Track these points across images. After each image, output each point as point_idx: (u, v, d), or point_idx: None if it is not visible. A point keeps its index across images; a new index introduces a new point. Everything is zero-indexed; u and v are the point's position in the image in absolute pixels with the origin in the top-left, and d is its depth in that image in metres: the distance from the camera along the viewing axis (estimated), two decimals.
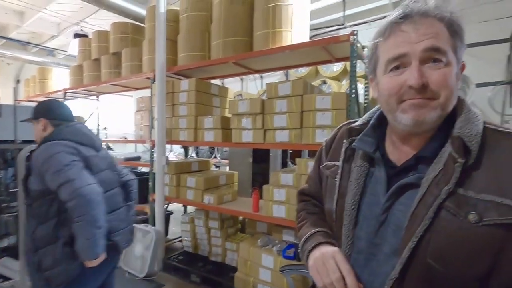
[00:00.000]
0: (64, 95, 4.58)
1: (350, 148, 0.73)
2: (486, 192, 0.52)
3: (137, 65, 3.57)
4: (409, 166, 0.62)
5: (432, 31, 0.55)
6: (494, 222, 0.50)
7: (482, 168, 0.54)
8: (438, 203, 0.54)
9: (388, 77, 0.59)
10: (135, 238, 3.03)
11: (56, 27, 6.48)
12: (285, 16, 2.35)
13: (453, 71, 0.56)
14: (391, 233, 0.61)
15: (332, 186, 0.75)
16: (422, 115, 0.56)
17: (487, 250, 0.51)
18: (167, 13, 2.96)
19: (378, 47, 0.62)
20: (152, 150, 3.16)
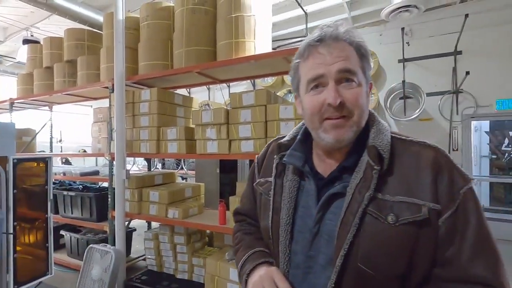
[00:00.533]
0: (10, 105, 4.18)
1: (280, 163, 0.75)
2: (399, 194, 0.58)
3: (94, 73, 3.37)
4: (335, 177, 0.67)
5: (344, 54, 0.62)
6: (408, 221, 0.56)
7: (394, 173, 0.61)
8: (362, 209, 0.59)
9: (309, 96, 0.65)
10: (92, 260, 2.80)
11: (2, 32, 5.95)
12: (247, 27, 2.36)
13: (363, 90, 0.63)
14: (324, 244, 0.64)
15: (266, 203, 0.76)
16: (341, 135, 0.62)
17: (405, 247, 0.57)
18: (127, 21, 2.85)
19: (299, 68, 0.67)
20: (112, 164, 2.96)
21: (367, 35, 5.19)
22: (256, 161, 0.88)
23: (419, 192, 0.58)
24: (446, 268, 0.57)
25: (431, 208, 0.57)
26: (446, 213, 0.57)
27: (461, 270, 0.56)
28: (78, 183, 3.85)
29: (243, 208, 0.92)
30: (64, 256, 3.54)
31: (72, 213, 3.44)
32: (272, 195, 0.74)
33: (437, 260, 0.58)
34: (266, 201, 0.76)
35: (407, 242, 0.56)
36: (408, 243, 0.56)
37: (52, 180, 2.30)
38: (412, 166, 0.60)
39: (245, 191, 0.92)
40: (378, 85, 5.01)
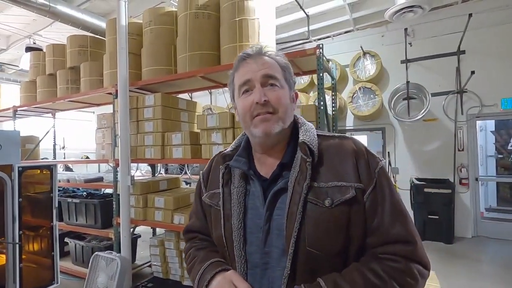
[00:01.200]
0: (14, 113, 4.18)
1: (226, 172, 0.80)
2: (330, 181, 0.68)
3: (98, 80, 3.36)
4: (277, 175, 0.74)
5: (267, 64, 0.74)
6: (341, 201, 0.66)
7: (323, 163, 0.71)
8: (303, 198, 0.67)
9: (241, 99, 0.75)
10: (98, 267, 2.77)
11: (5, 40, 5.98)
12: (252, 30, 2.35)
13: (286, 93, 0.75)
14: (276, 238, 0.70)
15: (217, 213, 0.80)
16: (268, 128, 0.71)
17: (342, 224, 0.66)
18: (130, 26, 2.84)
19: (234, 78, 0.79)
20: (116, 170, 2.94)
21: (369, 36, 5.19)
22: (201, 177, 0.91)
23: (345, 176, 0.69)
24: (374, 235, 0.67)
25: (356, 187, 0.67)
26: (368, 190, 0.68)
27: (384, 235, 0.66)
28: (81, 190, 3.83)
29: (193, 225, 0.93)
30: (69, 263, 3.50)
31: (76, 220, 3.42)
32: (221, 204, 0.78)
33: (367, 230, 0.68)
34: (216, 212, 0.80)
35: (343, 220, 0.66)
36: (344, 220, 0.66)
37: (57, 187, 2.28)
38: (337, 155, 0.72)
39: (193, 209, 0.94)
40: (381, 86, 4.99)
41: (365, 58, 4.98)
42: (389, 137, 5.05)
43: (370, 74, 4.89)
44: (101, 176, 3.62)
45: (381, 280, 0.63)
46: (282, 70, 0.76)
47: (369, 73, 4.92)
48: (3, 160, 1.90)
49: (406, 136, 4.92)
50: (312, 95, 5.38)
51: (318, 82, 2.00)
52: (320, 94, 1.99)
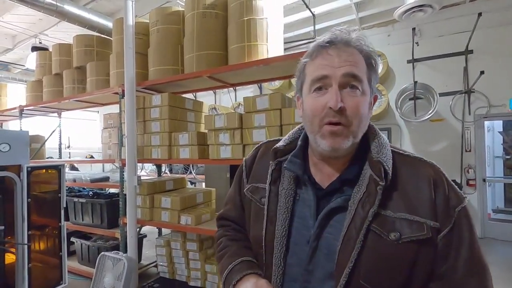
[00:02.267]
0: (20, 112, 4.20)
1: (276, 169, 0.71)
2: (400, 211, 0.58)
3: (104, 79, 3.36)
4: (335, 189, 0.65)
5: (352, 59, 0.60)
6: (411, 239, 0.57)
7: (394, 189, 0.60)
8: (366, 226, 0.58)
9: (311, 97, 0.63)
10: (104, 267, 2.76)
11: (11, 40, 6.01)
12: (260, 30, 2.33)
13: (367, 100, 0.62)
14: (324, 258, 0.62)
15: (258, 211, 0.72)
16: (337, 144, 0.60)
17: (406, 264, 0.57)
18: (136, 26, 2.83)
19: (306, 67, 0.66)
20: (123, 170, 2.94)
21: (375, 36, 5.15)
22: (244, 164, 0.83)
23: (419, 209, 0.58)
24: (441, 283, 0.58)
25: (431, 226, 0.57)
26: (443, 231, 0.58)
27: (454, 286, 0.57)
28: (87, 189, 3.83)
29: (228, 214, 0.86)
30: (75, 263, 3.51)
31: (82, 220, 3.42)
32: (266, 203, 0.70)
33: (433, 274, 0.58)
34: (258, 209, 0.73)
35: (408, 259, 0.57)
36: (410, 260, 0.57)
37: (64, 187, 2.27)
38: (411, 182, 0.61)
39: (230, 196, 0.87)
40: (387, 86, 4.95)
41: None
42: (395, 138, 5.01)
43: None
44: (107, 176, 3.62)
45: None
46: (368, 69, 0.62)
47: None
48: (12, 160, 1.90)
49: (413, 137, 4.88)
50: None
51: None
52: None
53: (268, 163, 0.73)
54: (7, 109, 4.56)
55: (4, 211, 2.02)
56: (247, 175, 0.80)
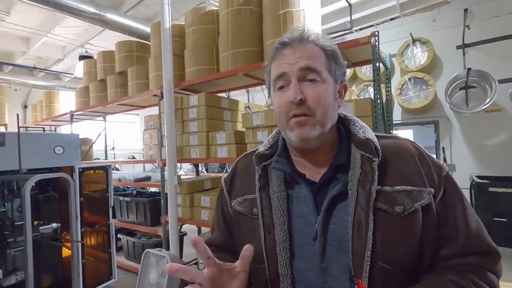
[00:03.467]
0: (71, 117, 4.53)
1: (263, 175, 0.69)
2: (397, 184, 0.59)
3: (144, 83, 3.49)
4: (329, 178, 0.63)
5: (307, 54, 0.62)
6: (415, 208, 0.57)
7: (386, 165, 0.61)
8: (372, 203, 0.57)
9: (276, 96, 0.65)
10: (149, 264, 2.87)
11: (61, 51, 6.53)
12: (297, 22, 2.24)
13: (329, 89, 0.63)
14: (336, 251, 0.59)
15: (252, 224, 0.68)
16: (304, 133, 0.61)
17: (415, 235, 0.57)
18: (173, 29, 2.89)
19: (270, 70, 0.68)
20: (163, 170, 3.03)
21: (418, 22, 4.77)
22: (224, 183, 0.80)
23: (413, 179, 0.60)
24: (448, 247, 0.59)
25: (427, 192, 0.59)
26: (438, 196, 0.60)
27: (460, 245, 0.58)
28: (131, 188, 4.02)
29: (214, 240, 0.79)
30: (122, 258, 3.71)
31: (128, 218, 3.59)
32: (259, 211, 0.66)
33: (440, 242, 0.59)
34: (251, 222, 0.68)
35: (416, 229, 0.57)
36: (418, 229, 0.57)
37: (112, 187, 2.38)
38: (398, 157, 0.63)
39: (214, 220, 0.82)
40: (434, 76, 4.56)
41: (414, 46, 4.59)
42: (444, 131, 4.60)
43: (420, 63, 4.50)
44: (149, 176, 3.76)
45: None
46: (327, 58, 0.63)
47: (419, 62, 4.52)
48: (66, 162, 2.03)
49: (464, 130, 4.44)
50: (356, 88, 5.10)
51: (373, 73, 1.83)
52: (377, 87, 1.83)
53: (252, 174, 0.71)
54: (60, 115, 4.95)
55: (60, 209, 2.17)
56: (229, 192, 0.77)
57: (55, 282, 2.16)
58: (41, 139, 1.95)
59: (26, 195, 1.60)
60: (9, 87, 7.02)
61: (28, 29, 5.35)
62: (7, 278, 1.89)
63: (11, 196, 1.89)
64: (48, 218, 2.12)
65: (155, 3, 4.26)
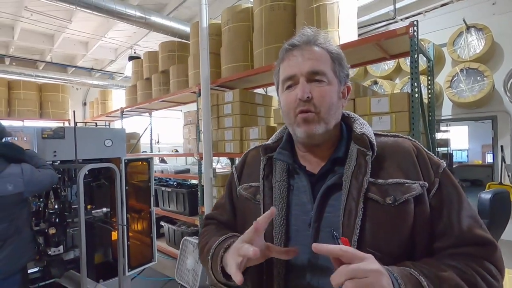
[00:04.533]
0: (121, 113, 4.96)
1: (267, 165, 0.75)
2: (391, 178, 0.63)
3: (184, 80, 3.69)
4: (327, 170, 0.68)
5: (315, 56, 0.67)
6: (405, 199, 0.61)
7: (382, 160, 0.66)
8: (363, 194, 0.61)
9: (285, 94, 0.70)
10: (187, 250, 3.07)
11: (114, 52, 7.15)
12: (330, 15, 2.19)
13: (334, 89, 0.68)
14: (327, 237, 0.63)
15: (254, 208, 0.74)
16: (311, 129, 0.66)
17: (406, 225, 0.60)
18: (210, 27, 3.01)
19: (279, 71, 0.72)
20: (200, 163, 3.19)
21: (473, 6, 4.32)
22: (234, 170, 0.87)
23: (407, 173, 0.63)
24: (443, 239, 0.61)
25: (420, 185, 0.62)
26: (432, 190, 0.63)
27: (456, 236, 0.60)
28: (172, 179, 4.30)
29: (218, 217, 0.86)
30: (164, 244, 4.00)
31: (169, 207, 3.86)
32: (261, 197, 0.73)
33: (434, 235, 0.62)
34: (253, 207, 0.75)
35: (407, 220, 0.60)
36: (408, 220, 0.60)
37: (153, 177, 2.59)
38: (396, 153, 0.66)
39: (220, 202, 0.89)
40: (492, 66, 4.10)
41: (469, 33, 4.15)
42: (503, 128, 4.13)
43: (476, 52, 4.06)
44: (188, 168, 3.99)
45: (464, 273, 0.56)
46: (333, 61, 0.68)
47: (474, 51, 4.09)
48: (114, 153, 2.26)
49: None
50: (399, 82, 4.80)
51: (411, 66, 1.73)
52: (414, 80, 1.72)
53: (259, 164, 0.77)
54: (112, 111, 5.45)
55: (110, 196, 2.43)
56: (239, 179, 0.84)
57: (105, 260, 2.43)
58: (94, 133, 2.20)
59: (80, 182, 1.82)
60: (72, 87, 7.89)
61: (87, 34, 5.96)
62: (67, 253, 2.18)
63: (70, 182, 2.17)
64: (100, 203, 2.39)
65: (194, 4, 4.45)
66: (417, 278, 0.53)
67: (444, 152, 5.96)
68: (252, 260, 0.59)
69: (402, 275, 0.52)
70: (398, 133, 0.73)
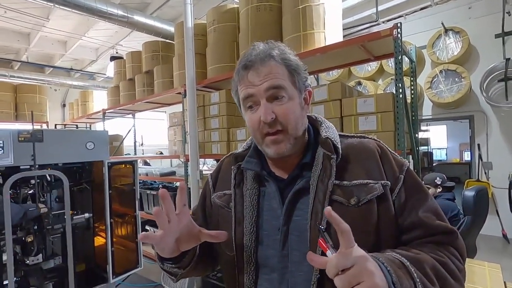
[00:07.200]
0: (103, 115, 4.81)
1: (238, 173, 0.76)
2: (355, 179, 0.65)
3: (169, 81, 3.62)
4: (296, 175, 0.69)
5: (271, 71, 0.65)
6: (368, 199, 0.63)
7: (346, 162, 0.67)
8: (328, 196, 0.63)
9: (248, 115, 0.69)
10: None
11: (95, 52, 6.92)
12: (316, 16, 2.21)
13: (296, 102, 0.67)
14: (297, 240, 0.65)
15: (226, 216, 0.75)
16: (281, 149, 0.66)
17: (370, 224, 0.62)
18: (195, 27, 2.96)
19: (238, 90, 0.70)
20: (187, 165, 3.14)
21: (451, 10, 4.49)
22: (210, 177, 0.87)
23: (371, 174, 0.65)
24: (410, 231, 0.64)
25: (383, 184, 0.64)
26: (396, 188, 0.65)
27: (423, 228, 0.63)
28: (158, 182, 4.20)
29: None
30: (149, 248, 3.89)
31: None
32: (233, 206, 0.74)
33: (400, 229, 0.64)
34: (226, 214, 0.75)
35: (371, 219, 0.62)
36: (372, 219, 0.62)
37: (138, 180, 2.52)
38: (360, 155, 0.68)
39: (194, 208, 0.89)
40: (469, 67, 4.27)
41: (447, 36, 4.32)
42: (480, 127, 4.31)
43: (453, 54, 4.23)
44: (174, 171, 3.91)
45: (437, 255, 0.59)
46: (290, 73, 0.67)
47: (452, 53, 4.25)
48: (96, 156, 2.17)
49: (503, 125, 4.13)
50: (382, 83, 4.91)
51: (396, 67, 1.77)
52: (399, 81, 1.76)
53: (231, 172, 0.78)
54: (94, 113, 5.28)
55: (92, 201, 2.33)
56: (214, 186, 0.84)
57: (87, 268, 2.34)
58: (75, 136, 2.11)
59: (66, 187, 1.73)
60: (50, 88, 7.58)
61: (65, 33, 5.74)
62: (47, 262, 2.07)
63: (49, 187, 2.07)
64: (82, 209, 2.30)
65: (179, 3, 4.38)
66: (400, 260, 0.55)
67: (424, 150, 6.15)
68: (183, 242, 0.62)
69: (386, 259, 0.54)
70: (362, 134, 0.75)
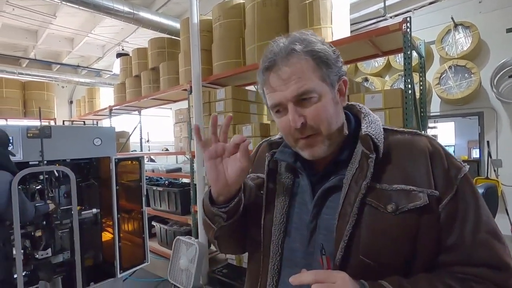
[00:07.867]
0: (109, 112, 4.84)
1: (273, 161, 0.73)
2: (396, 183, 0.58)
3: (174, 78, 3.62)
4: (330, 171, 0.65)
5: (295, 72, 0.59)
6: (408, 208, 0.56)
7: (389, 162, 0.60)
8: (360, 199, 0.57)
9: (277, 118, 0.65)
10: (179, 250, 3.03)
11: (101, 49, 6.96)
12: (323, 11, 2.18)
13: (327, 100, 0.61)
14: (323, 239, 0.62)
15: (257, 199, 0.73)
16: (315, 152, 0.62)
17: (407, 236, 0.55)
18: (200, 24, 2.95)
19: (264, 93, 0.66)
20: (193, 161, 3.14)
21: (461, 5, 4.39)
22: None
23: (416, 179, 0.58)
24: (451, 253, 0.56)
25: (429, 194, 0.56)
26: (445, 199, 0.57)
27: (466, 254, 0.55)
28: (164, 179, 4.23)
29: None
30: (156, 244, 3.93)
31: (160, 206, 3.80)
32: (264, 193, 0.71)
33: (441, 246, 0.57)
34: (257, 198, 0.73)
35: (408, 231, 0.56)
36: (410, 231, 0.56)
37: (144, 177, 2.54)
38: (406, 154, 0.61)
39: None
40: (479, 63, 4.18)
41: (456, 31, 4.23)
42: (489, 124, 4.23)
43: (463, 49, 4.14)
44: (180, 167, 3.93)
45: None
46: (318, 67, 0.60)
47: (461, 48, 4.16)
48: (104, 152, 2.19)
49: None
50: (389, 79, 4.85)
51: (404, 62, 1.73)
52: (408, 76, 1.73)
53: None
54: (100, 109, 5.32)
55: (100, 196, 2.36)
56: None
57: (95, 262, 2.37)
58: (82, 132, 2.12)
59: (73, 182, 1.76)
60: (57, 85, 7.65)
61: (72, 30, 5.77)
62: (56, 256, 2.11)
63: (57, 183, 2.09)
64: (90, 204, 2.33)
65: None
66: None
67: None
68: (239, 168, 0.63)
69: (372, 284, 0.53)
70: (416, 130, 0.67)
